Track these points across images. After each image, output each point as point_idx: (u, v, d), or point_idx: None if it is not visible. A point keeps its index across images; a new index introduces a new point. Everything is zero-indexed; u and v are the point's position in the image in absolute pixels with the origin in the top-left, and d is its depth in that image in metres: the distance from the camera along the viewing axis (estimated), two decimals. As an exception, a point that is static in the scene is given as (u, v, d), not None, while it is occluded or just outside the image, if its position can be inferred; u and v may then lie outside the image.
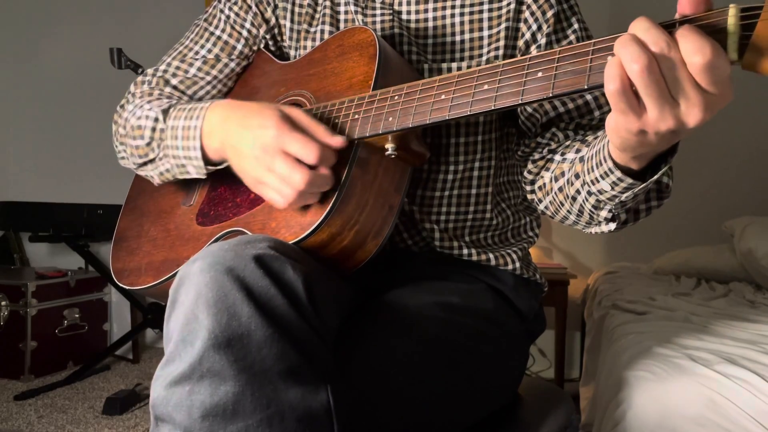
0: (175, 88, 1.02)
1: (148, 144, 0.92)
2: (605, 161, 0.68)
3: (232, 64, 1.02)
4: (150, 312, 2.82)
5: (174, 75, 1.02)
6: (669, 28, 0.54)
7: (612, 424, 1.16)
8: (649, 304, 1.80)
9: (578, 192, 0.78)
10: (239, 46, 1.02)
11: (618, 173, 0.67)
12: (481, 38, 0.92)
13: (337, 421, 0.61)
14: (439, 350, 0.81)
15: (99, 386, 2.66)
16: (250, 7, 1.01)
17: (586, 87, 0.60)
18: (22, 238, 3.39)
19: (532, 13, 0.91)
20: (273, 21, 1.02)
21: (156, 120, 0.90)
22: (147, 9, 3.28)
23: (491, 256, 0.96)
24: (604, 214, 0.76)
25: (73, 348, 2.92)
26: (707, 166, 2.73)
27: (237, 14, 1.01)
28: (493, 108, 0.67)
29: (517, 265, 0.97)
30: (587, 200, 0.76)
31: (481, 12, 0.92)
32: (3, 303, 2.76)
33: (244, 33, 1.01)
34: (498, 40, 0.91)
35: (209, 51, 1.02)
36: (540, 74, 0.64)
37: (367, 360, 0.72)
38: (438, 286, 0.90)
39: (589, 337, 2.06)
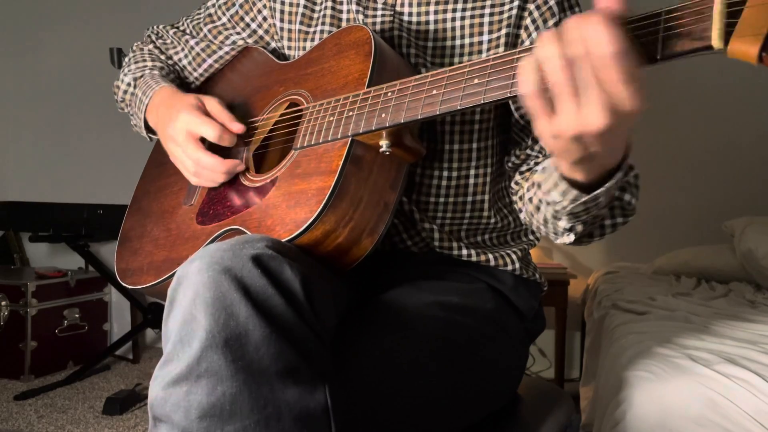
0: (156, 47, 1.18)
1: (122, 100, 1.14)
2: (553, 172, 0.70)
3: (193, 42, 1.12)
4: (150, 312, 2.82)
5: (158, 38, 1.19)
6: (652, 18, 0.54)
7: (612, 424, 1.16)
8: (649, 304, 1.80)
9: (540, 201, 0.79)
10: (204, 30, 1.12)
11: (563, 185, 0.68)
12: (480, 42, 0.91)
13: (334, 421, 0.61)
14: (438, 350, 0.81)
15: (99, 386, 2.66)
16: (233, 4, 1.07)
17: None
18: (22, 238, 3.39)
19: (533, 21, 0.90)
20: (259, 20, 1.05)
21: (128, 85, 1.11)
22: (147, 9, 3.28)
23: (491, 256, 0.95)
24: (562, 224, 0.77)
25: (73, 348, 2.93)
26: (707, 167, 2.73)
27: (220, 6, 1.09)
28: (482, 101, 0.67)
29: (517, 265, 0.97)
30: (547, 210, 0.77)
31: (482, 16, 0.91)
32: (3, 303, 2.76)
33: (218, 24, 1.10)
34: (498, 45, 0.90)
35: (187, 26, 1.16)
36: None
37: (366, 360, 0.72)
38: (437, 285, 0.90)
39: (589, 337, 2.06)
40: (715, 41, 0.51)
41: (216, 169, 0.90)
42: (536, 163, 0.91)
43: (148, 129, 1.06)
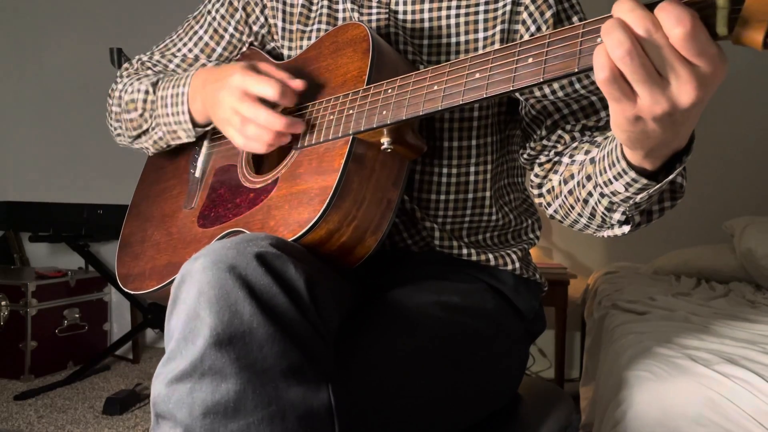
0: (156, 74, 1.07)
1: (141, 115, 1.00)
2: (618, 162, 0.67)
3: (211, 65, 1.06)
4: (150, 312, 2.82)
5: (155, 65, 1.09)
6: (654, 7, 0.53)
7: (612, 424, 1.16)
8: (649, 304, 1.80)
9: (590, 194, 0.77)
10: (219, 49, 1.06)
11: (632, 174, 0.66)
12: (476, 40, 0.91)
13: (337, 420, 0.61)
14: (439, 350, 0.81)
15: (99, 386, 2.66)
16: (236, 9, 1.03)
17: (576, 70, 0.59)
18: (22, 238, 3.39)
19: (530, 14, 0.90)
20: (261, 21, 1.02)
21: (147, 92, 0.99)
22: (147, 9, 3.28)
23: (491, 256, 0.96)
24: (617, 216, 0.75)
25: (73, 348, 2.92)
26: (707, 166, 2.73)
27: (222, 17, 1.04)
28: (485, 96, 0.67)
29: (517, 265, 0.97)
30: (599, 202, 0.75)
31: (476, 13, 0.91)
32: (3, 303, 2.76)
33: (227, 36, 1.05)
34: (493, 42, 0.91)
35: (190, 50, 1.07)
36: (530, 60, 0.63)
37: (368, 359, 0.72)
38: (438, 285, 0.90)
39: (589, 337, 2.06)
40: (720, 28, 0.51)
41: (272, 125, 0.81)
42: (557, 153, 0.90)
43: (195, 123, 0.95)
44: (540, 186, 0.93)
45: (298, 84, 0.83)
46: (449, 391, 0.82)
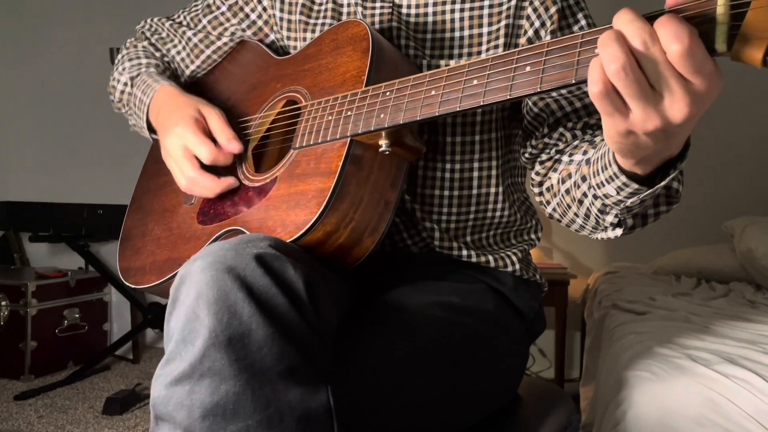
0: (151, 44, 1.16)
1: (119, 101, 1.12)
2: (610, 165, 0.67)
3: (190, 33, 1.11)
4: (150, 312, 2.82)
5: (153, 34, 1.18)
6: (655, 19, 0.52)
7: (612, 424, 1.16)
8: (649, 304, 1.80)
9: (585, 195, 0.77)
10: (204, 21, 1.10)
11: (623, 178, 0.66)
12: (480, 35, 0.91)
13: (336, 422, 0.61)
14: (438, 350, 0.81)
15: (99, 386, 2.66)
16: None
17: (573, 81, 0.59)
18: (22, 238, 3.39)
19: (535, 9, 0.90)
20: (259, 11, 1.04)
21: (125, 84, 1.09)
22: (147, 9, 3.28)
23: (491, 258, 0.95)
24: (609, 219, 0.75)
25: (73, 348, 2.93)
26: (707, 166, 2.73)
27: None
28: (482, 103, 0.66)
29: (517, 266, 0.97)
30: (593, 204, 0.75)
31: (481, 8, 0.91)
32: (3, 303, 2.76)
33: (216, 12, 1.08)
34: (497, 37, 0.90)
35: (181, 22, 1.14)
36: (528, 68, 0.63)
37: (367, 360, 0.72)
38: (438, 286, 0.90)
39: (589, 337, 2.06)
40: (719, 44, 0.50)
41: (211, 190, 0.89)
42: (558, 151, 0.90)
43: (151, 130, 1.04)
44: (540, 184, 0.92)
45: (234, 148, 0.90)
46: (449, 392, 0.82)
